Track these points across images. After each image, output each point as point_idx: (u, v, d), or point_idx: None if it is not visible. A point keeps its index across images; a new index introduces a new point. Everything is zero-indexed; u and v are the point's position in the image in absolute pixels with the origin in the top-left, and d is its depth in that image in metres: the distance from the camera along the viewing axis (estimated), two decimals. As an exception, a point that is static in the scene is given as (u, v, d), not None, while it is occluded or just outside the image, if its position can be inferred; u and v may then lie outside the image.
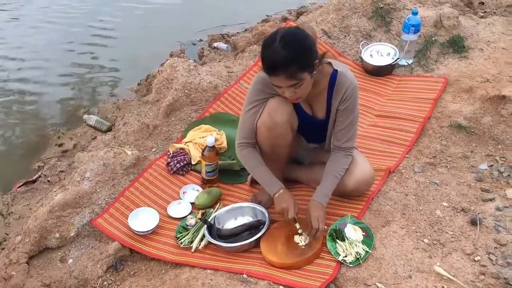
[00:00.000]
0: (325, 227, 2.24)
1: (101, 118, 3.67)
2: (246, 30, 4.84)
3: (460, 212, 2.43)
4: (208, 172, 2.74)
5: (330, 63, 2.22)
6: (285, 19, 4.63)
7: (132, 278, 2.34)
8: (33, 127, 3.87)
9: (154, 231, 2.50)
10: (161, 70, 3.58)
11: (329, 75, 2.21)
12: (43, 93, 4.29)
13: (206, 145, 2.69)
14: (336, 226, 2.27)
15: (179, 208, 2.66)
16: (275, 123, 2.22)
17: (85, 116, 3.73)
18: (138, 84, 4.19)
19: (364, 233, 2.24)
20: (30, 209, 2.82)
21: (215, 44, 4.54)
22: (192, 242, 2.40)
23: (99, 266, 2.38)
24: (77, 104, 4.11)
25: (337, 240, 2.20)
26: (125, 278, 2.35)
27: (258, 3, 5.66)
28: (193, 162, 2.92)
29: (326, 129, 2.39)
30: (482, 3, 4.73)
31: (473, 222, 2.34)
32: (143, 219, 2.52)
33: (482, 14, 4.50)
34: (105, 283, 2.35)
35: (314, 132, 2.44)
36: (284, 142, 2.33)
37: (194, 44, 4.86)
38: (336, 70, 2.20)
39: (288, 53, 1.94)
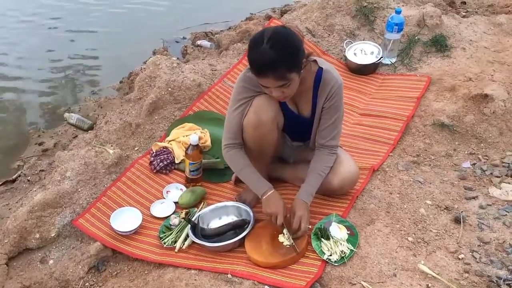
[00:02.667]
0: (309, 226, 2.24)
1: (82, 117, 3.62)
2: (230, 28, 4.83)
3: (444, 210, 2.44)
4: (192, 171, 2.71)
5: (315, 61, 2.22)
6: (269, 17, 4.62)
7: (115, 279, 2.30)
8: (13, 125, 3.80)
9: (137, 231, 2.47)
10: (144, 68, 3.55)
11: (314, 73, 2.21)
12: (23, 91, 4.21)
13: (190, 144, 2.66)
14: (321, 225, 2.26)
15: (163, 208, 2.62)
16: (261, 121, 2.21)
17: (66, 115, 3.67)
18: (120, 82, 4.15)
19: (348, 232, 2.24)
20: (9, 209, 2.75)
21: (199, 42, 4.52)
22: (175, 242, 2.37)
23: (80, 267, 2.34)
24: (58, 102, 4.05)
25: (322, 239, 2.20)
26: (107, 279, 2.31)
27: (242, 1, 5.64)
28: (176, 161, 2.89)
29: (311, 127, 2.38)
30: (464, 3, 4.78)
31: (457, 220, 2.35)
32: (125, 219, 2.48)
33: (464, 13, 4.55)
34: (87, 284, 2.30)
35: (299, 130, 2.43)
36: (270, 141, 2.31)
37: (177, 42, 4.83)
38: (322, 68, 2.19)
39: (277, 54, 1.92)
